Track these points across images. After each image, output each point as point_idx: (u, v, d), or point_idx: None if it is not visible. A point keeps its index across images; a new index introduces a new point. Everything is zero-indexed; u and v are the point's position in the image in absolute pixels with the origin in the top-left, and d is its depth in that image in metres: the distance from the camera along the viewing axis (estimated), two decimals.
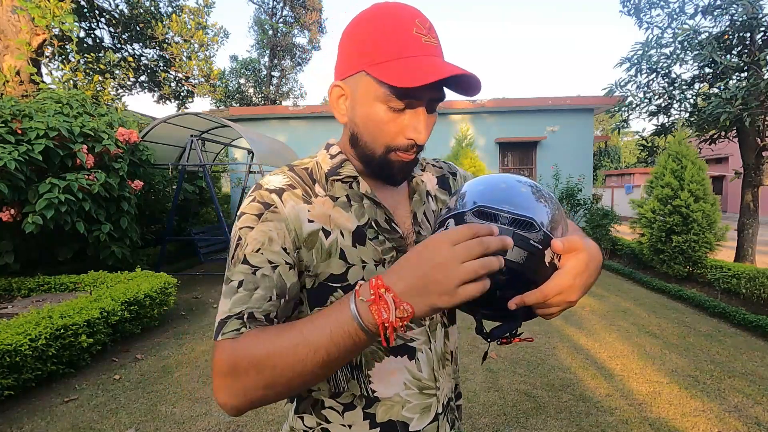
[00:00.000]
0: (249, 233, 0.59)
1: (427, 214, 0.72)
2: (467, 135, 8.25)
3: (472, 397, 2.68)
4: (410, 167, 0.65)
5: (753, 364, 3.14)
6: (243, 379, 0.49)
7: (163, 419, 2.46)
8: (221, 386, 0.51)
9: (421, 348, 0.66)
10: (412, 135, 0.59)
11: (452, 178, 0.82)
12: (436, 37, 0.59)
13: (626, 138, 32.67)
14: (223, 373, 0.51)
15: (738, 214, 6.03)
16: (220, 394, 0.51)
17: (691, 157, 5.58)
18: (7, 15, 5.48)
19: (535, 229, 0.53)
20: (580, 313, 4.44)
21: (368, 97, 0.59)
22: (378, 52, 0.56)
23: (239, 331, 0.53)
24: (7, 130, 3.84)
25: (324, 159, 0.68)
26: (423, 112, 0.59)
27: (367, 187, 0.66)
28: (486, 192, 0.58)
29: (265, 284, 0.56)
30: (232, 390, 0.50)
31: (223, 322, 0.54)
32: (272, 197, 0.61)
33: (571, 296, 0.54)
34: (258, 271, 0.57)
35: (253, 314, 0.55)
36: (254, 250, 0.58)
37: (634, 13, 6.29)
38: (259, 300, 0.56)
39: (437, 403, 0.67)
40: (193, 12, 9.21)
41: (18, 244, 4.25)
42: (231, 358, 0.50)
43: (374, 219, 0.65)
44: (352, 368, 0.64)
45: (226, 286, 0.57)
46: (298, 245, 0.60)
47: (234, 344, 0.51)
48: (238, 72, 20.42)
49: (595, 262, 0.57)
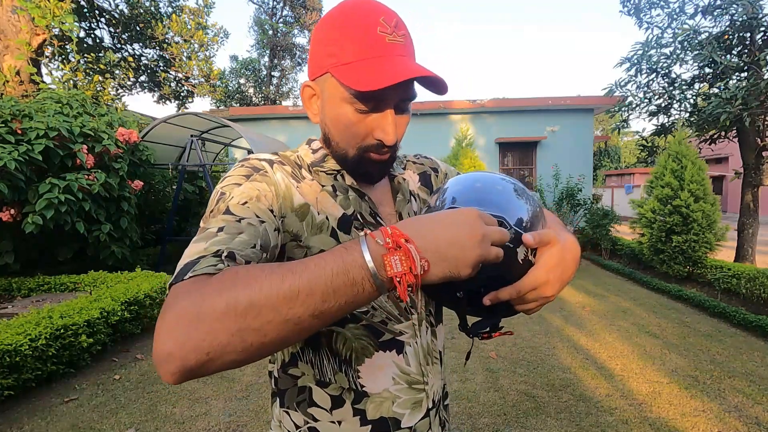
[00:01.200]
0: (235, 188, 0.55)
1: (410, 214, 0.71)
2: (467, 135, 8.25)
3: (472, 397, 2.68)
4: (386, 166, 0.64)
5: (753, 364, 3.14)
6: (209, 318, 0.38)
7: (163, 419, 2.46)
8: (173, 329, 0.38)
9: (408, 342, 0.66)
10: (379, 136, 0.58)
11: (434, 175, 0.81)
12: (404, 34, 0.58)
13: (626, 138, 32.66)
14: (182, 315, 0.39)
15: (738, 214, 6.03)
16: (166, 341, 0.38)
17: (691, 157, 5.58)
18: (7, 15, 5.48)
19: (505, 228, 0.53)
20: (580, 313, 4.44)
21: (335, 98, 0.58)
22: (342, 53, 0.56)
23: (216, 267, 0.44)
24: (7, 130, 3.84)
25: (306, 153, 0.68)
26: (390, 113, 0.58)
27: (352, 180, 0.66)
28: (461, 192, 0.58)
29: (250, 231, 0.50)
30: (187, 335, 0.38)
31: (193, 262, 0.45)
32: (262, 164, 0.60)
33: (546, 291, 0.54)
34: (243, 220, 0.51)
35: (234, 255, 0.46)
36: (240, 202, 0.53)
37: (634, 13, 6.29)
38: (241, 244, 0.48)
39: (427, 399, 0.67)
40: (193, 12, 9.22)
41: (18, 244, 4.25)
42: (199, 292, 0.40)
43: (359, 211, 0.65)
44: (340, 361, 0.62)
45: (199, 234, 0.50)
46: (285, 213, 0.58)
47: (206, 279, 0.42)
48: (238, 72, 20.42)
49: (571, 255, 0.56)
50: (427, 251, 0.44)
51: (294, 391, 0.65)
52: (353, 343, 0.62)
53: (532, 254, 0.55)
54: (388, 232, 0.44)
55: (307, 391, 0.64)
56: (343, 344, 0.62)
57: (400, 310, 0.65)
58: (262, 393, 2.77)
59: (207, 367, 0.39)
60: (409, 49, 0.58)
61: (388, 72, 0.53)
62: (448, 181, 0.64)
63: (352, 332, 0.62)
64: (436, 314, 0.72)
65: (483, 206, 0.54)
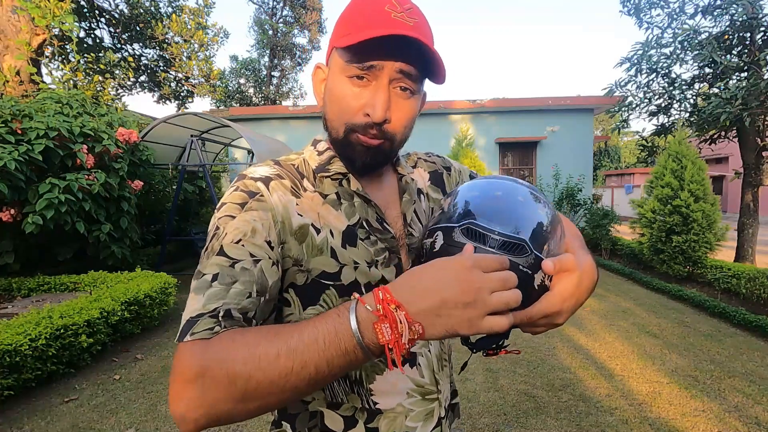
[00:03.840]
0: (229, 222, 0.53)
1: (418, 213, 0.69)
2: (467, 135, 8.25)
3: (472, 397, 2.68)
4: (376, 155, 0.60)
5: (753, 364, 3.14)
6: (212, 388, 0.42)
7: (163, 419, 2.46)
8: (183, 395, 0.43)
9: (421, 352, 0.64)
10: (368, 110, 0.56)
11: (446, 174, 0.78)
12: (416, 20, 0.55)
13: (626, 138, 32.67)
14: (187, 380, 0.42)
15: (738, 214, 6.03)
16: (179, 405, 0.43)
17: (691, 157, 5.58)
18: (7, 15, 5.48)
19: (525, 253, 0.49)
20: (580, 313, 4.44)
21: (335, 72, 0.58)
22: (346, 28, 0.56)
23: (213, 331, 0.45)
24: (7, 130, 3.84)
25: (311, 156, 0.65)
26: (385, 86, 0.55)
27: (357, 184, 0.63)
28: (479, 201, 0.54)
29: (244, 278, 0.50)
30: (196, 401, 0.42)
31: (193, 321, 0.46)
32: (258, 185, 0.57)
33: (558, 320, 0.52)
34: (237, 264, 0.50)
35: (230, 312, 0.47)
36: (234, 240, 0.52)
37: (634, 13, 6.29)
38: (237, 295, 0.48)
39: (439, 407, 0.65)
40: (193, 12, 9.22)
41: (18, 244, 4.25)
42: (201, 363, 0.43)
43: (365, 218, 0.62)
44: (351, 383, 0.60)
45: (196, 281, 0.50)
46: (284, 238, 0.56)
47: (206, 346, 0.44)
48: (238, 72, 20.42)
49: (588, 281, 0.54)
50: (422, 314, 0.42)
51: (305, 416, 0.62)
52: None
53: (549, 279, 0.52)
54: (379, 297, 0.43)
55: (318, 415, 0.61)
56: None
57: None
58: None
59: (220, 422, 0.44)
60: (417, 31, 0.54)
61: (377, 28, 0.52)
62: (462, 185, 0.61)
63: None
64: None
65: (502, 222, 0.51)
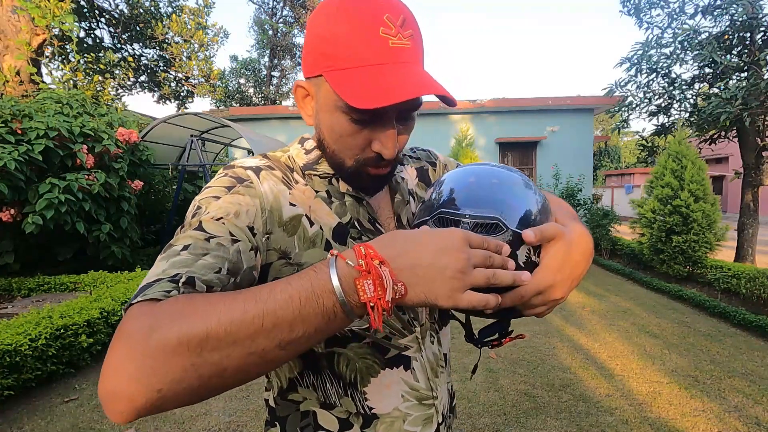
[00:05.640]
0: (213, 202, 0.49)
1: (409, 216, 0.67)
2: (467, 135, 8.25)
3: (472, 397, 2.68)
4: (385, 180, 0.59)
5: (753, 364, 3.14)
6: (159, 352, 0.34)
7: (163, 419, 2.46)
8: (120, 362, 0.34)
9: (414, 356, 0.62)
10: (378, 149, 0.53)
11: (431, 169, 0.76)
12: (411, 33, 0.50)
13: (626, 138, 32.67)
14: (130, 346, 0.34)
15: (738, 214, 6.03)
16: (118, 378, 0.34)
17: (691, 157, 5.58)
18: (7, 15, 5.48)
19: (501, 230, 0.48)
20: (580, 313, 4.44)
21: (329, 105, 0.52)
22: (337, 56, 0.49)
23: (168, 293, 0.39)
24: (7, 130, 3.84)
25: (298, 154, 0.61)
26: (392, 125, 0.52)
27: (347, 186, 0.61)
28: (454, 190, 0.53)
29: (217, 253, 0.44)
30: (141, 371, 0.34)
31: (148, 285, 0.40)
32: (248, 173, 0.54)
33: (554, 294, 0.49)
34: (213, 239, 0.45)
35: (193, 279, 0.41)
36: (214, 217, 0.47)
37: (634, 13, 6.30)
38: (205, 267, 0.42)
39: (437, 414, 0.64)
40: (193, 12, 9.23)
41: (18, 244, 4.25)
42: (150, 323, 0.35)
43: (357, 218, 0.60)
44: (344, 385, 0.58)
45: (163, 252, 0.44)
46: (270, 228, 0.52)
47: (158, 305, 0.37)
48: (238, 72, 20.42)
49: (580, 249, 0.50)
50: (403, 274, 0.40)
51: (296, 416, 0.59)
52: (357, 363, 0.58)
53: (536, 254, 0.50)
54: (361, 253, 0.39)
55: (311, 415, 0.59)
56: (347, 366, 0.58)
57: (404, 323, 0.61)
58: (262, 393, 2.76)
59: (159, 405, 0.35)
60: (415, 52, 0.50)
61: (389, 87, 0.46)
62: (445, 174, 0.59)
63: (355, 352, 0.57)
64: (440, 318, 0.68)
65: (477, 204, 0.50)
